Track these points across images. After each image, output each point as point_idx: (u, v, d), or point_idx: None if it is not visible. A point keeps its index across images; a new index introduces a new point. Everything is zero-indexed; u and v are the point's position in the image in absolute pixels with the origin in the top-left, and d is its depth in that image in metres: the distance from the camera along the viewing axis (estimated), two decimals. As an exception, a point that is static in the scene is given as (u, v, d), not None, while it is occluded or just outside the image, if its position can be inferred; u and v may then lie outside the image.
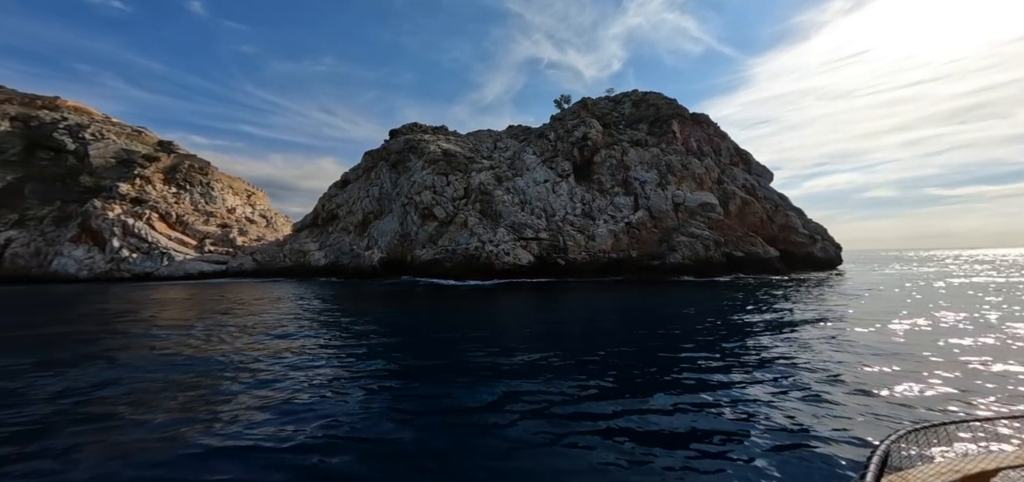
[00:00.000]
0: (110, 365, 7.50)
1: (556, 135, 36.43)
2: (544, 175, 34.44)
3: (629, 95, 38.21)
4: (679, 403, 5.01)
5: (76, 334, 10.90)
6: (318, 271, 40.61)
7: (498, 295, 18.48)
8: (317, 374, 6.52)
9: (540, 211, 31.76)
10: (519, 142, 43.90)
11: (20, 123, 43.05)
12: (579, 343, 8.58)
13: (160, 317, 14.01)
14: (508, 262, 28.51)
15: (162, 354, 8.29)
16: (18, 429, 4.60)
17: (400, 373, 6.63)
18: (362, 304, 16.18)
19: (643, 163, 31.26)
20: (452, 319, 12.15)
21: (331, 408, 5.03)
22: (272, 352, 8.24)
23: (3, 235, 36.56)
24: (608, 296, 17.03)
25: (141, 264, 38.07)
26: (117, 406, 5.31)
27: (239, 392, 5.73)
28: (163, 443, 4.16)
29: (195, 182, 46.66)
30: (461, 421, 4.58)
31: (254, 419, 4.69)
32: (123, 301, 19.63)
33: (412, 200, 36.83)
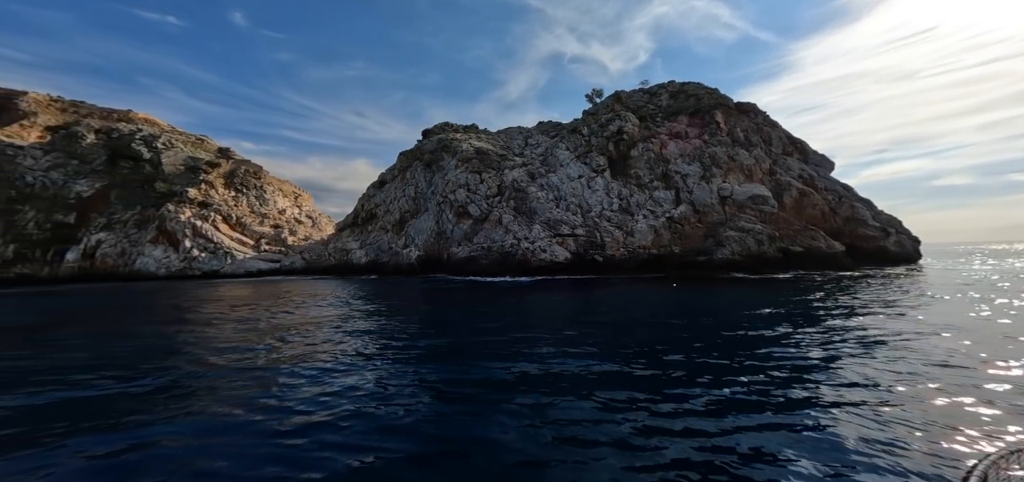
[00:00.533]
0: (202, 347, 8.30)
1: (589, 130, 35.36)
2: (578, 171, 33.55)
3: (665, 86, 36.26)
4: (739, 411, 4.49)
5: (185, 323, 11.97)
6: (359, 269, 42.25)
7: (536, 291, 18.16)
8: (369, 361, 6.87)
9: (575, 207, 30.98)
10: (550, 138, 43.15)
11: (103, 135, 48.30)
12: (626, 340, 8.12)
13: (240, 308, 15.15)
14: (545, 259, 28.06)
15: (246, 338, 9.18)
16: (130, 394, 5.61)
17: (441, 362, 6.75)
18: (407, 300, 16.44)
19: (684, 156, 29.54)
20: (492, 314, 12.04)
21: (383, 393, 5.36)
22: (334, 339, 8.80)
23: (94, 237, 41.17)
24: (652, 292, 16.19)
25: (209, 263, 41.44)
26: (208, 380, 6.26)
27: (304, 377, 6.21)
28: (244, 413, 4.80)
29: (250, 186, 50.13)
30: (502, 407, 4.63)
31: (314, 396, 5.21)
32: (203, 295, 21.43)
33: (446, 198, 37.26)
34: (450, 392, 5.29)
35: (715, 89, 33.26)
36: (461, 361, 6.70)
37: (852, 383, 5.25)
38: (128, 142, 45.90)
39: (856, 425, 4.02)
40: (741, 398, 4.82)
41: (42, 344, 9.47)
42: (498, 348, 7.45)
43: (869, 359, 6.22)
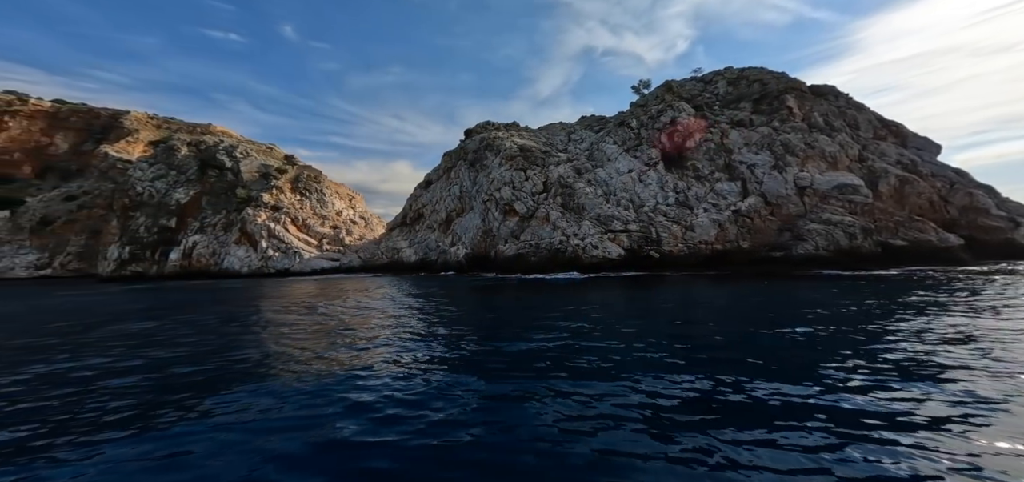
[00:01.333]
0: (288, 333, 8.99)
1: (639, 122, 33.34)
2: (628, 165, 31.78)
3: (722, 73, 33.14)
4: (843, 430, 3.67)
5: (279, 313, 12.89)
6: (409, 267, 43.67)
7: (588, 288, 17.25)
8: (421, 351, 7.18)
9: (627, 202, 29.36)
10: (594, 133, 41.48)
11: (194, 147, 54.44)
12: (701, 339, 7.41)
13: (313, 300, 16.11)
14: (597, 256, 26.90)
15: (318, 325, 10.00)
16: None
17: (494, 357, 6.63)
18: (462, 298, 16.32)
19: (749, 144, 26.72)
20: (545, 309, 11.51)
21: (436, 380, 5.56)
22: (393, 329, 9.24)
23: (191, 239, 46.54)
24: (719, 290, 14.58)
25: (281, 262, 45.18)
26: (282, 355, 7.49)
27: (372, 366, 6.62)
28: (313, 390, 5.46)
29: (312, 190, 53.92)
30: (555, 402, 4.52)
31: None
32: (288, 291, 23.23)
33: (492, 196, 37.14)
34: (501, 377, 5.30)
35: (782, 73, 29.73)
36: (518, 351, 6.62)
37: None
38: (213, 153, 51.35)
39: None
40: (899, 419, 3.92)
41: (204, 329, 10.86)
42: (562, 343, 7.12)
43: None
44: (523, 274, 29.90)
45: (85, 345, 9.07)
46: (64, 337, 10.14)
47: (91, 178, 61.87)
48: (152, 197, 47.73)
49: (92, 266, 51.98)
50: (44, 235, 55.25)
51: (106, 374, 6.74)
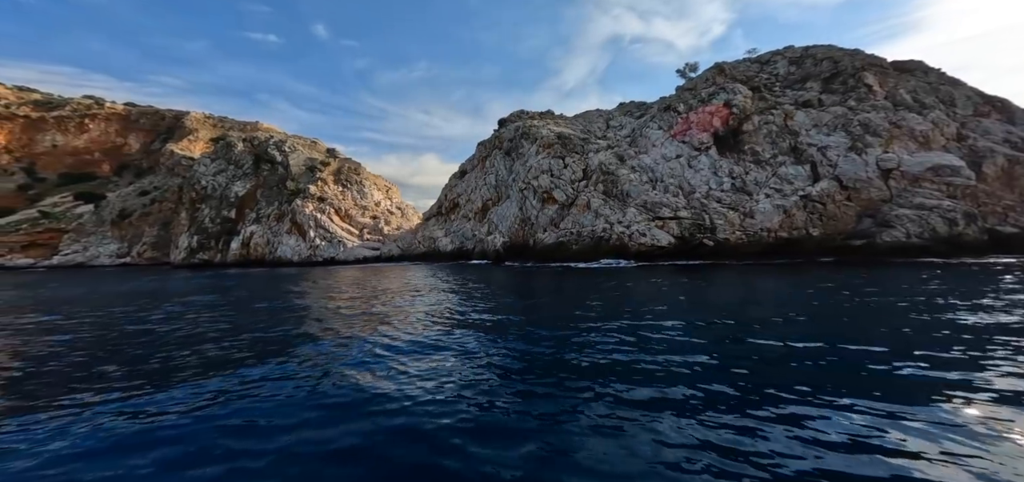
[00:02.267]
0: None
1: (686, 106, 31.14)
2: (675, 150, 29.88)
3: (782, 53, 30.09)
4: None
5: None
6: (446, 255, 44.05)
7: (637, 276, 16.23)
8: (465, 337, 6.96)
9: (675, 189, 27.66)
10: (635, 119, 39.44)
11: (248, 143, 57.31)
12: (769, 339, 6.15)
13: (364, 286, 16.30)
14: (645, 243, 25.63)
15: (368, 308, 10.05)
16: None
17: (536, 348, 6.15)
18: (508, 286, 15.83)
19: (819, 126, 24.14)
20: (588, 298, 10.75)
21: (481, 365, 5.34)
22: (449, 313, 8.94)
23: (248, 229, 49.35)
24: (792, 280, 13.02)
25: (327, 250, 46.99)
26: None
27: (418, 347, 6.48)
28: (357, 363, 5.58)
29: (352, 181, 55.43)
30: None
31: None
32: (338, 277, 23.91)
33: (529, 185, 36.36)
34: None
35: (856, 50, 26.47)
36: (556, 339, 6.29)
37: None
38: (266, 148, 53.85)
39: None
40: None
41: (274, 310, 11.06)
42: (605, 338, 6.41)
43: None
44: (563, 262, 29.19)
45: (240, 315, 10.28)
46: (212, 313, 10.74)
47: (160, 174, 67.09)
48: (214, 190, 50.91)
49: (164, 255, 56.61)
50: (123, 227, 60.71)
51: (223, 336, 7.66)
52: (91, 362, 6.23)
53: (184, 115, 77.95)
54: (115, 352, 6.86)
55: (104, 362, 6.20)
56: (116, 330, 8.80)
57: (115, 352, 6.86)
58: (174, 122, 76.76)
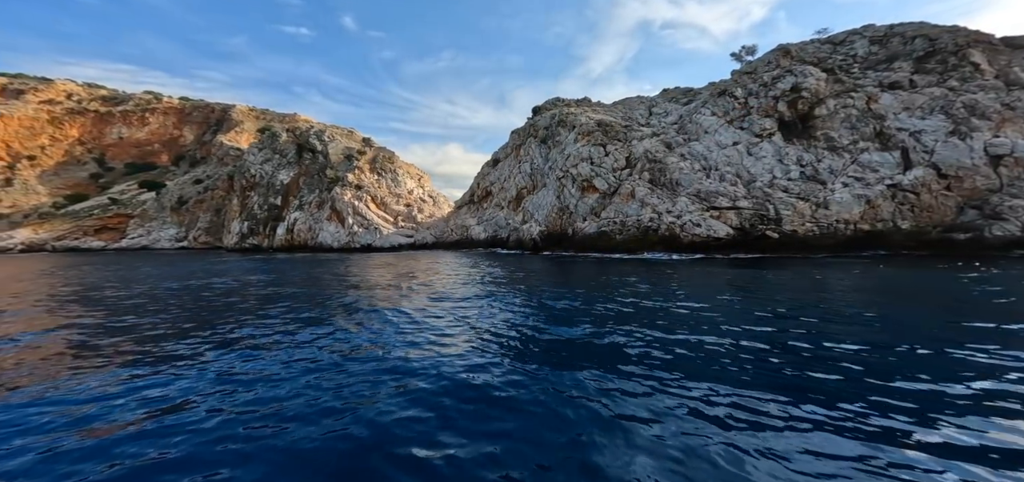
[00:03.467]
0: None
1: (746, 91, 28.56)
2: (731, 137, 27.56)
3: (860, 32, 26.78)
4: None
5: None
6: (479, 243, 43.68)
7: (690, 269, 14.83)
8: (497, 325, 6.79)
9: (733, 177, 25.54)
10: (681, 105, 36.95)
11: (291, 134, 58.97)
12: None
13: (407, 273, 15.90)
14: (700, 234, 23.89)
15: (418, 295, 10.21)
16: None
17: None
18: (553, 274, 14.84)
19: (911, 109, 21.29)
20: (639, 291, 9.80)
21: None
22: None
23: (292, 216, 50.98)
24: (890, 278, 11.11)
25: (364, 237, 47.82)
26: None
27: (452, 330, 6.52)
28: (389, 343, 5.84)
29: (387, 170, 55.94)
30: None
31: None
32: (377, 262, 23.84)
33: (568, 173, 35.03)
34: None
35: (955, 26, 23.00)
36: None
37: None
38: (307, 138, 55.21)
39: None
40: None
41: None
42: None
43: None
44: (606, 252, 27.93)
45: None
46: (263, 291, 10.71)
47: (211, 164, 70.72)
48: (262, 179, 52.86)
49: (217, 239, 59.83)
50: (181, 213, 64.64)
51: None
52: (219, 315, 7.93)
53: (231, 108, 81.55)
54: (246, 309, 8.36)
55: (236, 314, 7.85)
56: (237, 295, 10.40)
57: (246, 309, 8.36)
58: (222, 115, 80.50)
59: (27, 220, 60.43)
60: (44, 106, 68.59)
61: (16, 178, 64.66)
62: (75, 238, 59.34)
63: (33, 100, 68.23)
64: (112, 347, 5.92)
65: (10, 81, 70.11)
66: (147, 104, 77.91)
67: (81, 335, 6.66)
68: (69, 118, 70.38)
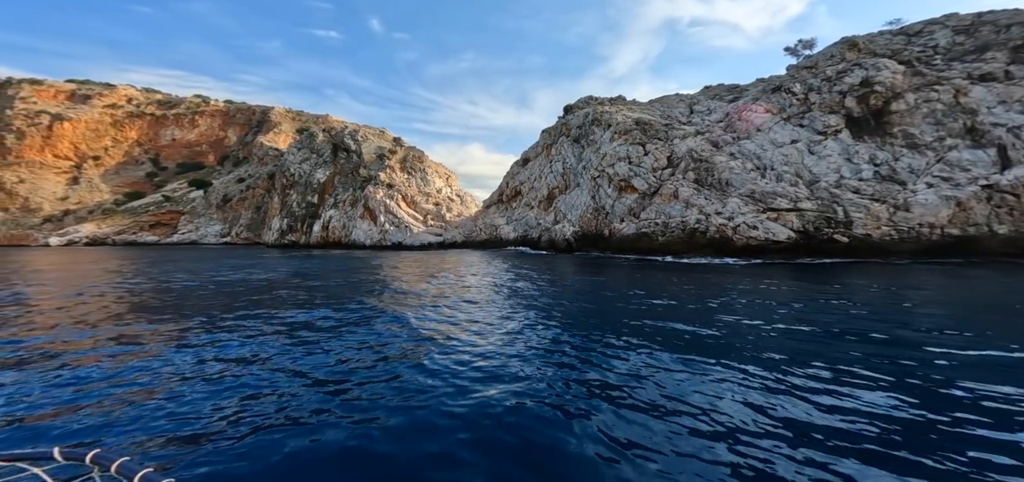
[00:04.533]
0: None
1: (805, 86, 26.58)
2: (789, 134, 25.69)
3: (940, 22, 24.25)
4: None
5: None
6: (508, 243, 43.20)
7: (747, 275, 13.45)
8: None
9: (792, 177, 23.74)
10: (727, 102, 35.07)
11: (327, 134, 60.80)
12: None
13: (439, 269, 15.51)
14: (756, 238, 22.31)
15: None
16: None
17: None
18: (598, 276, 13.87)
19: (1009, 102, 18.96)
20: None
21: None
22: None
23: (328, 213, 52.44)
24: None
25: (395, 235, 48.44)
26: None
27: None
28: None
29: (416, 169, 56.57)
30: None
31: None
32: (411, 260, 23.75)
33: (603, 172, 33.95)
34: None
35: None
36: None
37: None
38: (342, 137, 56.73)
39: None
40: None
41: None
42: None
43: None
44: (645, 254, 26.73)
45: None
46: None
47: (252, 164, 74.16)
48: (301, 177, 54.75)
49: (257, 236, 62.55)
50: (225, 210, 68.08)
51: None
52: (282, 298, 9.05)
53: (270, 110, 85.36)
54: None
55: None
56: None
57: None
58: (262, 117, 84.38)
59: (91, 215, 65.51)
60: (107, 110, 74.22)
61: (82, 177, 70.27)
62: (132, 233, 63.74)
63: (98, 104, 73.99)
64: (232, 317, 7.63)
65: (79, 87, 76.35)
66: (196, 107, 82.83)
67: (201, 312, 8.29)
68: (129, 121, 75.82)
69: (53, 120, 68.37)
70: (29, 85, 71.68)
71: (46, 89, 72.87)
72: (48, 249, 50.09)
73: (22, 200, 63.31)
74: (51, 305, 9.44)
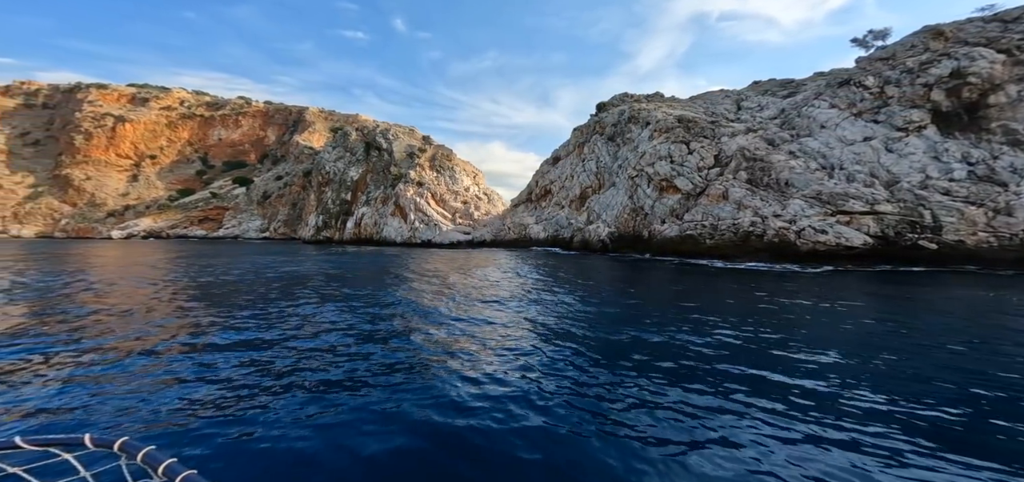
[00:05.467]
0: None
1: (880, 79, 24.18)
2: (861, 131, 23.45)
3: None
4: None
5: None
6: (538, 242, 42.42)
7: (820, 284, 11.78)
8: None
9: (865, 177, 21.61)
10: (781, 98, 32.76)
11: (360, 133, 62.33)
12: None
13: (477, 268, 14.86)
14: (826, 242, 20.43)
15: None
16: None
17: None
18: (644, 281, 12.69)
19: None
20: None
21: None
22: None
23: (360, 211, 53.68)
24: None
25: (425, 233, 48.85)
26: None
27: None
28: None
29: (445, 167, 56.89)
30: None
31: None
32: (446, 258, 23.45)
33: (642, 172, 32.52)
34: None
35: None
36: None
37: None
38: (373, 136, 57.97)
39: None
40: None
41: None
42: None
43: None
44: (690, 257, 25.24)
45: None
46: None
47: (289, 162, 77.39)
48: (335, 175, 56.40)
49: (293, 231, 65.08)
50: (265, 206, 71.32)
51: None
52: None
53: (305, 110, 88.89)
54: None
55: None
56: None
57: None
58: (298, 116, 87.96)
59: (148, 211, 70.53)
60: (163, 112, 79.71)
61: (140, 174, 75.85)
62: (184, 227, 68.07)
63: (155, 106, 79.60)
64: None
65: (138, 90, 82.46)
66: (239, 108, 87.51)
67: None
68: (181, 122, 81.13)
69: (116, 121, 74.19)
70: (96, 89, 78.16)
71: (110, 92, 79.20)
72: (111, 241, 54.25)
73: (89, 196, 69.09)
74: (146, 297, 9.71)
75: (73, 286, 11.26)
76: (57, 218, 66.49)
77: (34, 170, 70.15)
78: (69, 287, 11.04)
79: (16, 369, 4.50)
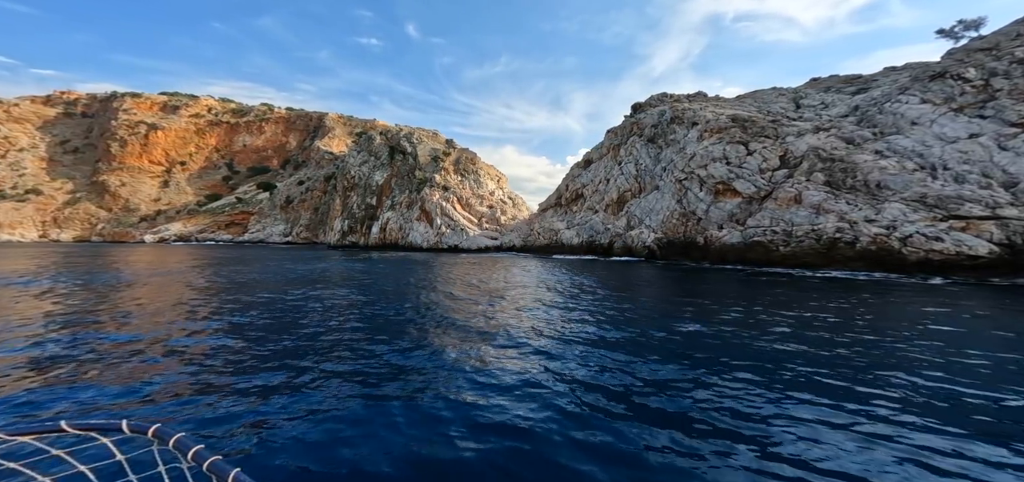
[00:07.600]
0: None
1: (983, 71, 21.26)
2: (965, 127, 20.51)
3: None
4: None
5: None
6: (571, 248, 40.01)
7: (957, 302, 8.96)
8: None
9: (978, 177, 18.65)
10: (850, 94, 29.87)
11: (384, 137, 61.39)
12: None
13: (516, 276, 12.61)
14: (941, 250, 17.51)
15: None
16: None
17: None
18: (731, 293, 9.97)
19: None
20: None
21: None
22: None
23: (385, 215, 52.39)
24: None
25: (451, 238, 47.09)
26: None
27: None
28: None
29: (469, 171, 55.25)
30: None
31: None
32: (485, 265, 21.17)
33: (693, 174, 29.90)
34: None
35: None
36: None
37: None
38: (397, 139, 56.86)
39: None
40: None
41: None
42: None
43: None
44: (759, 265, 22.56)
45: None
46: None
47: (311, 167, 77.25)
48: (360, 180, 55.38)
49: (315, 236, 64.37)
50: (288, 211, 71.07)
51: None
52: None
53: (325, 116, 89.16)
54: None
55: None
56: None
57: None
58: (318, 122, 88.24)
59: (178, 215, 71.15)
60: (192, 119, 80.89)
61: (171, 180, 76.86)
62: (212, 232, 68.29)
63: (185, 114, 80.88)
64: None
65: (169, 99, 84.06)
66: (263, 115, 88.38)
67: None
68: (209, 129, 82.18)
69: (149, 129, 75.49)
70: (130, 98, 79.93)
71: (144, 101, 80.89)
72: (144, 246, 54.36)
73: (124, 201, 70.12)
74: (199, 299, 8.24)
75: (124, 288, 11.72)
76: (94, 223, 67.58)
77: (73, 176, 71.78)
78: (124, 288, 11.59)
79: (70, 360, 4.73)
